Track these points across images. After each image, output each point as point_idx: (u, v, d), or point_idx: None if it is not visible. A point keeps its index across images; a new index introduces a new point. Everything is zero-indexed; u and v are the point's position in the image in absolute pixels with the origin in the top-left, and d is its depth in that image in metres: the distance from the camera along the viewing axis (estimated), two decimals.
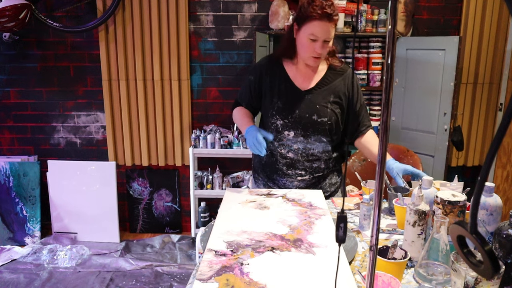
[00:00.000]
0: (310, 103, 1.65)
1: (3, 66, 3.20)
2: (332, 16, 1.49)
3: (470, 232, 0.56)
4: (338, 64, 1.71)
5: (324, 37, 1.51)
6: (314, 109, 1.64)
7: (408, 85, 2.95)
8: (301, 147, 1.68)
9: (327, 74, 1.69)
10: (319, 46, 1.53)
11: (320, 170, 1.73)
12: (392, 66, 0.66)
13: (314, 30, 1.50)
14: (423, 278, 1.04)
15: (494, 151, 0.51)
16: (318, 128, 1.66)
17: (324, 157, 1.71)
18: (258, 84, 1.72)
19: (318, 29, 1.50)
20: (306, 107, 1.65)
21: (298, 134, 1.66)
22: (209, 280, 1.03)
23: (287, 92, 1.66)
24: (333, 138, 1.71)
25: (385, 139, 0.68)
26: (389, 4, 0.65)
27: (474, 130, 3.25)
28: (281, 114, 1.66)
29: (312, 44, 1.53)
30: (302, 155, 1.69)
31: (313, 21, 1.49)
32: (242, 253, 1.16)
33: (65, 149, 3.35)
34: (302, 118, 1.64)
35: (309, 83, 1.67)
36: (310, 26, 1.50)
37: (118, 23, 3.04)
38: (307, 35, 1.52)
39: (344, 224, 0.75)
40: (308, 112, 1.64)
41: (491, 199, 1.20)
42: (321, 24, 1.49)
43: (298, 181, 1.73)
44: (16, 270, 2.77)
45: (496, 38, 3.09)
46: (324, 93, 1.66)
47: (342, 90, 1.69)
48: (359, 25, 2.92)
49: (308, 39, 1.53)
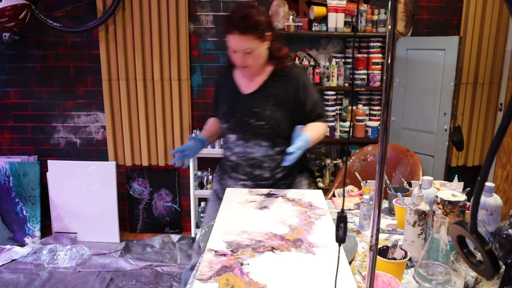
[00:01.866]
0: (250, 107, 1.65)
1: (3, 66, 3.20)
2: (244, 29, 1.50)
3: (470, 232, 0.56)
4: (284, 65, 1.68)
5: (241, 49, 1.54)
6: (253, 112, 1.64)
7: (408, 85, 2.95)
8: (241, 150, 1.68)
9: (270, 78, 1.68)
10: (239, 58, 1.56)
11: (263, 179, 1.69)
12: (392, 66, 0.66)
13: (230, 43, 1.55)
14: (423, 278, 1.04)
15: (494, 151, 0.51)
16: (257, 131, 1.64)
17: (266, 163, 1.67)
18: (217, 92, 1.79)
19: (233, 42, 1.54)
20: (246, 110, 1.65)
21: (239, 138, 1.67)
22: (209, 280, 1.03)
23: (230, 96, 1.70)
24: (276, 142, 1.66)
25: (385, 139, 0.68)
26: (389, 4, 0.65)
27: (474, 130, 3.25)
28: (225, 117, 1.69)
29: (235, 56, 1.57)
30: (243, 159, 1.68)
31: (228, 34, 1.54)
32: (242, 253, 1.16)
33: (65, 149, 3.35)
34: (242, 121, 1.65)
35: (251, 87, 1.68)
36: (228, 38, 1.55)
37: (118, 23, 3.04)
38: (228, 47, 1.58)
39: (344, 224, 0.76)
40: (247, 115, 1.64)
41: (491, 199, 1.20)
42: (235, 38, 1.52)
43: (240, 185, 1.72)
44: (16, 270, 2.77)
45: (496, 38, 3.09)
46: (264, 96, 1.65)
47: (285, 93, 1.65)
48: (359, 25, 2.92)
49: (231, 51, 1.58)
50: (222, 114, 1.71)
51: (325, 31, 2.89)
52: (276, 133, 1.64)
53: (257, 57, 1.58)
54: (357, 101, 3.24)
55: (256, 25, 1.52)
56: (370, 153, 2.35)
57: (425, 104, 2.85)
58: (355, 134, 3.14)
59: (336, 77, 3.03)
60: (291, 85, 1.65)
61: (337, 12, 2.83)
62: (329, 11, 2.83)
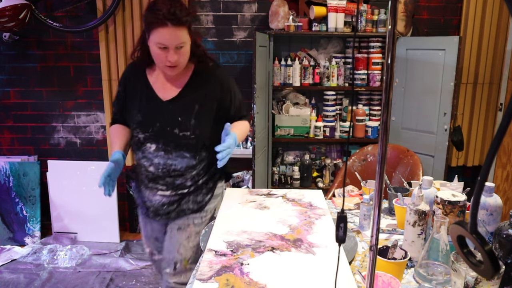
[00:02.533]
0: (172, 115, 1.47)
1: (3, 66, 3.20)
2: (178, 21, 1.33)
3: (470, 232, 0.56)
4: (206, 66, 1.52)
5: (174, 43, 1.34)
6: (176, 122, 1.47)
7: (408, 85, 2.95)
8: (162, 162, 1.50)
9: (191, 80, 1.51)
10: (172, 54, 1.36)
11: (185, 187, 1.54)
12: (392, 66, 0.66)
13: (160, 38, 1.34)
14: (423, 278, 1.04)
15: (494, 151, 0.51)
16: (181, 142, 1.48)
17: (189, 173, 1.53)
18: (124, 95, 1.56)
19: (165, 36, 1.33)
20: (168, 119, 1.47)
21: (159, 148, 1.49)
22: (209, 280, 1.03)
23: (147, 102, 1.50)
24: (199, 152, 1.52)
25: (385, 139, 0.68)
26: (389, 4, 0.65)
27: (474, 130, 3.25)
28: (141, 126, 1.49)
29: (163, 53, 1.36)
30: (163, 171, 1.51)
31: (158, 28, 1.33)
32: (242, 253, 1.16)
33: (65, 149, 3.35)
34: (164, 131, 1.47)
35: (171, 92, 1.50)
36: (156, 34, 1.34)
37: (118, 23, 3.04)
38: (155, 44, 1.35)
39: (344, 224, 0.76)
40: (170, 125, 1.47)
41: (491, 199, 1.20)
42: (168, 31, 1.32)
43: (159, 195, 1.55)
44: (16, 270, 2.77)
45: (496, 38, 3.09)
46: (188, 103, 1.49)
47: (209, 98, 1.51)
48: (359, 25, 2.92)
49: (157, 48, 1.36)
50: (136, 122, 1.50)
51: (325, 31, 2.90)
52: (201, 143, 1.51)
53: (186, 53, 1.42)
54: (357, 101, 3.24)
55: (187, 16, 1.36)
56: (370, 153, 2.35)
57: (425, 104, 2.84)
58: (355, 134, 3.14)
59: (336, 77, 3.03)
60: (215, 89, 1.51)
61: (337, 12, 2.83)
62: (329, 11, 2.83)
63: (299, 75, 3.01)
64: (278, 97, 3.19)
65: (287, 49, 3.18)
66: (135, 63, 1.54)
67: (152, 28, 1.34)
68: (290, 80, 3.03)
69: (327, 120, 3.13)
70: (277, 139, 3.12)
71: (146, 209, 1.61)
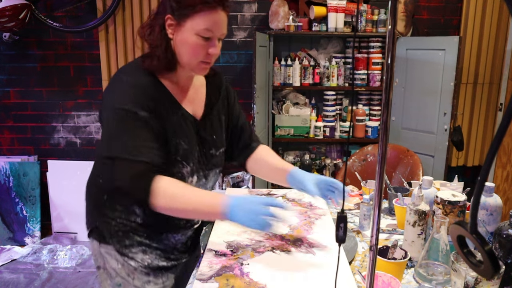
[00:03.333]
0: (207, 135, 1.23)
1: (3, 66, 3.20)
2: (228, 5, 1.10)
3: (470, 232, 0.56)
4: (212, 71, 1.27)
5: (220, 32, 1.10)
6: (212, 141, 1.25)
7: (408, 85, 2.95)
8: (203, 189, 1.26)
9: (208, 89, 1.28)
10: (216, 45, 1.10)
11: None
12: (392, 66, 0.66)
13: (209, 23, 1.06)
14: (423, 278, 1.04)
15: (494, 151, 0.51)
16: (216, 162, 1.28)
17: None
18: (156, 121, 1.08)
19: (215, 21, 1.07)
20: (204, 141, 1.23)
21: (200, 177, 1.23)
22: (209, 280, 1.03)
23: (186, 125, 1.17)
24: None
25: (385, 139, 0.68)
26: (389, 4, 0.65)
27: (474, 130, 3.25)
28: (186, 158, 1.16)
29: (205, 44, 1.08)
30: None
31: (205, 11, 1.05)
32: (242, 253, 1.16)
33: (65, 149, 3.35)
34: (203, 155, 1.22)
35: (198, 107, 1.23)
36: (202, 18, 1.05)
37: (118, 23, 3.04)
38: (199, 32, 1.06)
39: (344, 224, 0.76)
40: (206, 146, 1.23)
41: (491, 199, 1.20)
42: (217, 15, 1.07)
43: (191, 230, 1.30)
44: (16, 270, 2.77)
45: (496, 38, 3.09)
46: (216, 117, 1.28)
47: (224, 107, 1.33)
48: (359, 25, 2.92)
49: (198, 37, 1.07)
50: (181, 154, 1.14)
51: (325, 31, 2.90)
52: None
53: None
54: (357, 101, 3.24)
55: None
56: (370, 153, 2.35)
57: (425, 104, 2.84)
58: (355, 134, 3.14)
59: (336, 77, 3.03)
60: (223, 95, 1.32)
61: (337, 12, 2.83)
62: (329, 11, 2.83)
63: (299, 75, 3.01)
64: (278, 97, 3.19)
65: (287, 49, 3.18)
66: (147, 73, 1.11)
67: (195, 11, 1.05)
68: (290, 80, 3.03)
69: (327, 120, 3.13)
70: (277, 139, 3.12)
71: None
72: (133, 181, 1.02)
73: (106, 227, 1.19)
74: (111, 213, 1.17)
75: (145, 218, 1.16)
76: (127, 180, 1.02)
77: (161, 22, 1.08)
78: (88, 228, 1.26)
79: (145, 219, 1.16)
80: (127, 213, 1.16)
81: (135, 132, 1.03)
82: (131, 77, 1.09)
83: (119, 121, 1.04)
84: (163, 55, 1.09)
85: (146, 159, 1.02)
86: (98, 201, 1.21)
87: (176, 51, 1.10)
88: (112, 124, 1.05)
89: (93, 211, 1.24)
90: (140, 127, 1.04)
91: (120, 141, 1.03)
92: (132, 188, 1.02)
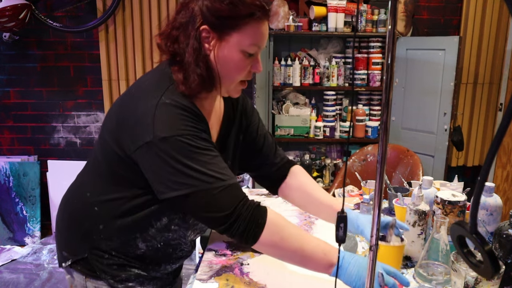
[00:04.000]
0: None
1: (3, 66, 3.19)
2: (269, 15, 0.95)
3: (470, 232, 0.56)
4: None
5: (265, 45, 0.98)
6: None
7: (408, 85, 2.95)
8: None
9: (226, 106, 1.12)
10: (259, 61, 0.98)
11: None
12: (392, 66, 0.66)
13: (256, 38, 0.93)
14: (423, 278, 1.04)
15: (494, 151, 0.51)
16: None
17: None
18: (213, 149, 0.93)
19: (264, 33, 0.95)
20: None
21: None
22: (209, 280, 1.03)
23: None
24: None
25: (385, 139, 0.68)
26: (389, 4, 0.65)
27: (474, 130, 3.25)
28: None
29: (248, 61, 0.94)
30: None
31: (253, 23, 0.91)
32: (242, 253, 1.16)
33: (65, 149, 3.35)
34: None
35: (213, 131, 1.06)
36: (250, 32, 0.91)
37: (118, 23, 3.04)
38: (244, 47, 0.92)
39: (344, 224, 0.75)
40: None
41: (491, 199, 1.20)
42: (265, 27, 0.95)
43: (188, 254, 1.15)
44: (16, 270, 2.77)
45: (496, 38, 3.09)
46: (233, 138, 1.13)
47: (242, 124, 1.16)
48: (359, 25, 2.92)
49: (244, 53, 0.93)
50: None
51: (325, 31, 2.89)
52: None
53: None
54: (357, 101, 3.24)
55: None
56: (370, 153, 2.35)
57: (425, 104, 2.84)
58: (355, 134, 3.14)
59: (336, 77, 3.03)
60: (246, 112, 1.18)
61: (337, 12, 2.83)
62: (329, 11, 2.83)
63: (299, 75, 3.01)
64: (278, 97, 3.18)
65: (287, 49, 3.17)
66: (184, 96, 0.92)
67: (243, 24, 0.90)
68: (290, 80, 3.03)
69: (327, 120, 3.13)
70: (277, 139, 3.12)
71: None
72: (240, 209, 0.88)
73: (97, 260, 1.01)
74: (105, 246, 1.00)
75: (146, 251, 1.02)
76: (230, 207, 0.87)
77: (194, 34, 0.90)
78: (69, 259, 1.04)
79: (146, 252, 1.03)
80: (126, 246, 1.00)
81: (210, 156, 0.89)
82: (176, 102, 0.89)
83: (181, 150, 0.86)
84: (205, 74, 0.91)
85: (225, 180, 0.88)
86: (89, 231, 1.01)
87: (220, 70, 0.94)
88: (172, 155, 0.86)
89: (80, 242, 1.02)
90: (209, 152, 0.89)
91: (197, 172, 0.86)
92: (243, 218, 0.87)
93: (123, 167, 0.94)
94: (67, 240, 1.06)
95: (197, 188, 0.86)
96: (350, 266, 0.90)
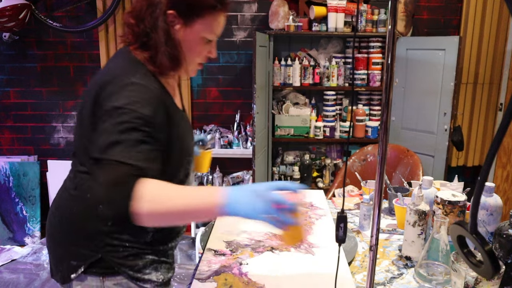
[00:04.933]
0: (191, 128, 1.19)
1: (3, 66, 3.20)
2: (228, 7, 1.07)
3: (470, 232, 0.56)
4: None
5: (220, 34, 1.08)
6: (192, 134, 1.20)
7: (408, 85, 2.95)
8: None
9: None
10: (215, 47, 1.10)
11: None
12: (392, 66, 0.66)
13: (215, 27, 1.04)
14: (423, 278, 1.04)
15: (494, 151, 0.51)
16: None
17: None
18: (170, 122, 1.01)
19: (221, 24, 1.05)
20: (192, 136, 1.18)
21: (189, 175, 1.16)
22: (208, 279, 1.03)
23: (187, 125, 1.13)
24: None
25: (385, 139, 0.68)
26: (389, 4, 0.65)
27: (474, 130, 3.25)
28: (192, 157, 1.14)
29: (206, 46, 1.06)
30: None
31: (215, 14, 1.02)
32: (242, 252, 1.16)
33: (65, 149, 3.35)
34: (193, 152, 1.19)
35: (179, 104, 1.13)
36: (211, 21, 1.02)
37: (118, 23, 3.04)
38: (204, 34, 1.03)
39: (344, 224, 0.75)
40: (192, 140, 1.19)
41: (491, 199, 1.20)
42: (222, 18, 1.05)
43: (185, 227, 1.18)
44: (16, 270, 2.77)
45: (496, 38, 3.09)
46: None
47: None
48: (359, 25, 2.92)
49: (203, 39, 1.04)
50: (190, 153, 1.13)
51: (325, 31, 2.89)
52: None
53: None
54: (357, 101, 3.24)
55: None
56: (370, 153, 2.35)
57: (425, 104, 2.84)
58: (355, 134, 3.14)
59: (336, 77, 3.03)
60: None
61: (337, 12, 2.83)
62: (329, 11, 2.83)
63: (299, 75, 3.01)
64: (278, 97, 3.18)
65: (287, 49, 3.17)
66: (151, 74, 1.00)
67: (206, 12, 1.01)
68: (290, 80, 3.03)
69: (327, 120, 3.13)
70: (277, 139, 3.12)
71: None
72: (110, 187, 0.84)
73: (113, 256, 1.01)
74: (117, 240, 1.01)
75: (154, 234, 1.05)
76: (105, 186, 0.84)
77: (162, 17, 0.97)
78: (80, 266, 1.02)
79: (154, 235, 1.05)
80: (137, 233, 1.02)
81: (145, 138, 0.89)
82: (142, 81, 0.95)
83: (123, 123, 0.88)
84: (173, 53, 1.00)
85: (144, 165, 0.85)
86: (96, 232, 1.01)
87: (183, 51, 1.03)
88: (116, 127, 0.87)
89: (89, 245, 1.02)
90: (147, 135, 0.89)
91: (122, 146, 0.86)
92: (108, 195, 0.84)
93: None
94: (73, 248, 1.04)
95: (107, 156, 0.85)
96: (243, 203, 0.82)
